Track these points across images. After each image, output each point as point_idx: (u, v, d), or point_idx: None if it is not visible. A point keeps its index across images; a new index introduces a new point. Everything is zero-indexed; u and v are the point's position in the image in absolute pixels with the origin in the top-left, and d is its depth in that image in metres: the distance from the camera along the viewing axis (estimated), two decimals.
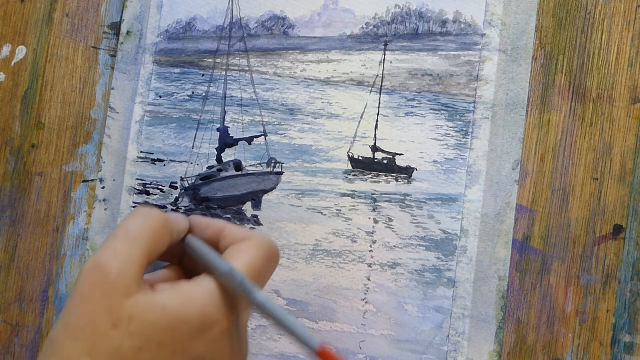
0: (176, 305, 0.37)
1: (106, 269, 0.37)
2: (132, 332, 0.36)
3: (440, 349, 0.49)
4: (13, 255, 0.58)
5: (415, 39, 0.52)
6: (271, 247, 0.41)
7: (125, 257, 0.37)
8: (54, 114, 0.59)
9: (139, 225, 0.39)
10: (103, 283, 0.37)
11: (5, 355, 0.57)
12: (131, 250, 0.38)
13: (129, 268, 0.37)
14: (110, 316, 0.36)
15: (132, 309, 0.36)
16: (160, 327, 0.36)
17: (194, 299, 0.38)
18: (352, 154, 0.52)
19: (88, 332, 0.36)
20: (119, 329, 0.36)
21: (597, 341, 0.47)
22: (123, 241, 0.38)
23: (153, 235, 0.39)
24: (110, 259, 0.37)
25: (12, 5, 0.61)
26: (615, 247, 0.47)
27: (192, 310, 0.37)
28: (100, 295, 0.36)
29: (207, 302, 0.38)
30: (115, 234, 0.39)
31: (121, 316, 0.36)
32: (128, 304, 0.36)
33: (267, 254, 0.41)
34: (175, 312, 0.37)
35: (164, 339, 0.36)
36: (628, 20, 0.48)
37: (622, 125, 0.48)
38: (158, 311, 0.36)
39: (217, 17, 0.56)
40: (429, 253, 0.50)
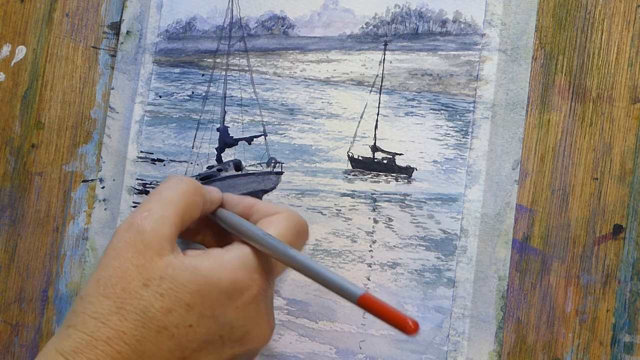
0: (207, 268, 0.37)
1: (140, 228, 0.37)
2: (162, 293, 0.36)
3: (440, 349, 0.49)
4: (13, 255, 0.58)
5: (415, 39, 0.52)
6: (301, 222, 0.42)
7: (159, 217, 0.38)
8: (54, 114, 0.59)
9: (173, 189, 0.40)
10: (137, 241, 0.37)
11: (5, 355, 0.57)
12: (165, 210, 0.38)
13: (163, 227, 0.38)
14: (141, 275, 0.36)
15: (164, 269, 0.36)
16: (190, 289, 0.36)
17: (225, 264, 0.38)
18: (352, 154, 0.52)
19: (119, 289, 0.36)
20: (149, 288, 0.36)
21: (597, 341, 0.47)
22: (157, 202, 0.39)
23: (186, 198, 0.40)
24: (144, 219, 0.38)
25: (12, 5, 0.61)
26: (615, 247, 0.47)
27: (222, 274, 0.37)
28: (133, 253, 0.37)
29: (238, 267, 0.38)
30: (148, 198, 0.40)
31: (152, 275, 0.36)
32: (160, 264, 0.37)
33: (297, 227, 0.42)
34: (206, 275, 0.37)
35: (194, 301, 0.36)
36: (628, 20, 0.48)
37: (622, 125, 0.48)
38: (189, 273, 0.37)
39: (217, 17, 0.56)
40: (429, 253, 0.50)
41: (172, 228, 0.38)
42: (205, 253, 0.39)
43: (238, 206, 0.44)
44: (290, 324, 0.52)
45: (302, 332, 0.51)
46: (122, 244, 0.37)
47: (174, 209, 0.39)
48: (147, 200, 0.39)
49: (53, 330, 0.57)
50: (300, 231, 0.42)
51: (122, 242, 0.37)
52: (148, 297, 0.36)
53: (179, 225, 0.39)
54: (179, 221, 0.39)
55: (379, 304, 0.36)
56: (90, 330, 0.35)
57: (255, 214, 0.43)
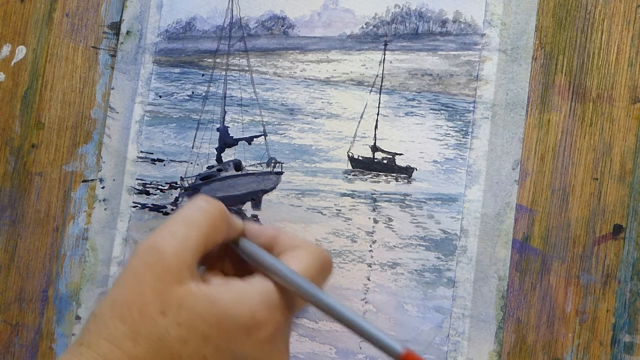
0: (227, 300, 0.36)
1: (161, 250, 0.36)
2: (180, 322, 0.35)
3: (440, 349, 0.49)
4: (13, 255, 0.58)
5: (415, 39, 0.52)
6: (325, 257, 0.40)
7: (182, 241, 0.36)
8: (54, 114, 0.59)
9: (198, 211, 0.38)
10: (157, 265, 0.36)
11: (5, 355, 0.57)
12: (188, 234, 0.37)
13: (185, 252, 0.36)
14: (159, 301, 0.35)
15: (183, 297, 0.35)
16: (209, 321, 0.36)
17: (245, 298, 0.37)
18: (352, 154, 0.52)
19: (135, 314, 0.35)
20: (167, 316, 0.35)
21: (597, 341, 0.47)
22: (181, 224, 0.37)
23: (212, 223, 0.38)
24: (166, 241, 0.36)
25: (12, 5, 0.61)
26: (615, 247, 0.47)
27: (242, 308, 0.36)
28: (152, 277, 0.36)
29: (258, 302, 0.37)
30: (173, 217, 0.38)
31: (171, 303, 0.35)
32: (179, 292, 0.35)
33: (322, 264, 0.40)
34: (225, 307, 0.36)
35: (211, 333, 0.36)
36: (628, 20, 0.48)
37: (622, 125, 0.48)
38: (208, 304, 0.36)
39: (217, 17, 0.56)
40: (429, 253, 0.50)
41: (194, 253, 0.37)
42: (226, 284, 0.37)
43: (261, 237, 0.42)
44: None
45: (302, 332, 0.51)
46: (141, 266, 0.36)
47: (198, 233, 0.37)
48: (171, 220, 0.38)
49: (53, 330, 0.57)
50: (324, 267, 0.40)
51: (141, 264, 0.36)
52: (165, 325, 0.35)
53: (202, 250, 0.37)
54: (202, 246, 0.37)
55: None
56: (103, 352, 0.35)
57: (278, 245, 0.41)
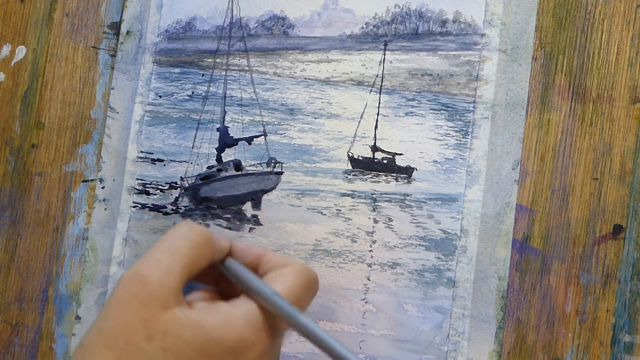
0: (213, 325, 0.36)
1: (146, 278, 0.36)
2: (166, 348, 0.35)
3: (440, 349, 0.49)
4: (13, 255, 0.58)
5: (415, 39, 0.52)
6: (311, 276, 0.41)
7: (166, 268, 0.37)
8: (54, 114, 0.59)
9: (182, 238, 0.39)
10: (141, 292, 0.36)
11: (5, 355, 0.57)
12: (172, 261, 0.37)
13: (169, 279, 0.37)
14: (145, 328, 0.36)
15: (168, 323, 0.36)
16: (194, 346, 0.36)
17: (231, 321, 0.37)
18: (352, 154, 0.52)
19: (121, 342, 0.35)
20: (152, 343, 0.35)
21: (597, 341, 0.47)
22: (165, 252, 0.38)
23: (195, 249, 0.39)
24: (150, 269, 0.37)
25: (12, 5, 0.61)
26: (615, 247, 0.47)
27: (228, 331, 0.37)
28: (137, 305, 0.36)
29: (244, 325, 0.37)
30: (157, 245, 0.39)
31: (156, 330, 0.36)
32: (164, 318, 0.36)
33: (307, 282, 0.40)
34: (211, 332, 0.36)
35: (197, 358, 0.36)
36: (628, 20, 0.48)
37: (622, 125, 0.48)
38: (194, 329, 0.36)
39: (217, 17, 0.56)
40: (429, 253, 0.50)
41: (178, 280, 0.37)
42: (212, 308, 0.38)
43: (247, 256, 0.42)
44: None
45: None
46: (127, 294, 0.36)
47: (182, 260, 0.38)
48: (155, 248, 0.38)
49: (53, 330, 0.57)
50: (310, 285, 0.40)
51: (127, 292, 0.36)
52: (151, 352, 0.35)
53: (186, 276, 0.38)
54: (186, 273, 0.38)
55: None
56: None
57: (264, 265, 0.41)
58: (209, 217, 0.55)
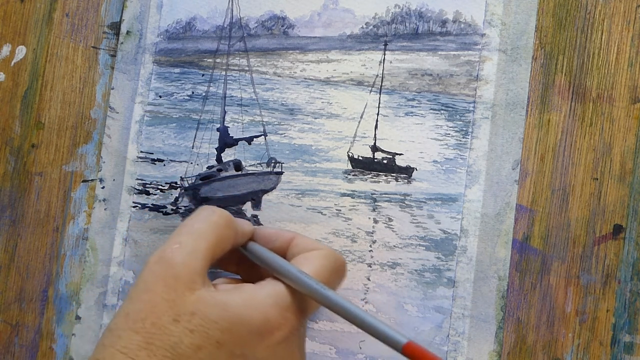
0: (239, 305, 0.36)
1: (171, 261, 0.37)
2: (193, 329, 0.35)
3: (440, 349, 0.49)
4: (13, 255, 0.58)
5: (415, 39, 0.52)
6: (339, 260, 0.41)
7: (190, 250, 0.37)
8: (54, 114, 0.59)
9: (204, 221, 0.39)
10: (167, 275, 0.36)
11: (5, 355, 0.57)
12: (196, 243, 0.38)
13: (194, 261, 0.37)
14: (172, 310, 0.36)
15: (195, 304, 0.36)
16: (221, 326, 0.36)
17: (257, 302, 0.37)
18: (352, 154, 0.52)
19: (149, 324, 0.35)
20: (179, 324, 0.35)
21: (597, 341, 0.47)
22: (188, 235, 0.38)
23: (218, 231, 0.39)
24: (175, 252, 0.37)
25: (12, 5, 0.61)
26: (615, 247, 0.47)
27: (254, 312, 0.37)
28: (163, 287, 0.36)
29: (270, 305, 0.37)
30: (179, 229, 0.39)
31: (183, 311, 0.36)
32: (191, 299, 0.36)
33: (335, 266, 0.40)
34: (237, 312, 0.36)
35: (224, 339, 0.36)
36: (628, 20, 0.48)
37: (622, 125, 0.48)
38: (220, 310, 0.36)
39: (217, 17, 0.56)
40: (429, 253, 0.50)
41: (203, 261, 0.37)
42: (237, 288, 0.38)
43: (277, 241, 0.42)
44: None
45: None
46: (152, 277, 0.36)
47: (206, 242, 0.38)
48: (178, 232, 0.39)
49: (53, 330, 0.57)
50: (337, 270, 0.41)
51: (152, 275, 0.36)
52: (178, 333, 0.35)
53: (210, 258, 0.38)
54: (210, 254, 0.38)
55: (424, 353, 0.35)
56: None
57: (293, 249, 0.42)
58: None
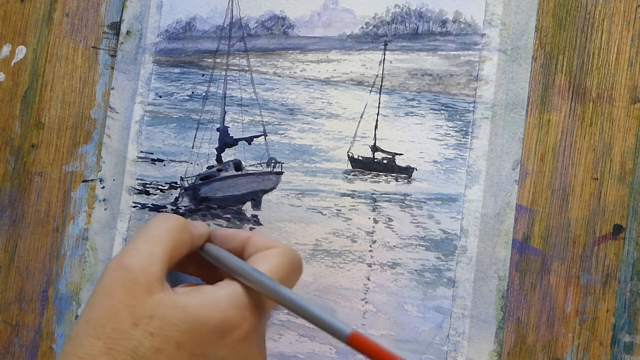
0: (197, 306, 0.37)
1: (129, 266, 0.37)
2: (152, 332, 0.36)
3: (440, 349, 0.49)
4: (13, 255, 0.58)
5: (415, 39, 0.52)
6: (295, 257, 0.42)
7: (148, 255, 0.38)
8: (54, 114, 0.59)
9: (160, 227, 0.40)
10: (126, 280, 0.37)
11: (5, 355, 0.57)
12: (153, 249, 0.39)
13: (152, 266, 0.38)
14: (131, 314, 0.36)
15: (154, 307, 0.36)
16: (180, 328, 0.36)
17: (215, 302, 0.38)
18: (352, 154, 0.52)
19: (109, 329, 0.36)
20: (139, 327, 0.36)
21: (597, 341, 0.47)
22: (145, 241, 0.39)
23: (174, 236, 0.40)
24: (132, 257, 0.38)
25: (12, 5, 0.61)
26: (615, 247, 0.47)
27: (213, 312, 0.37)
28: (122, 292, 0.37)
29: (228, 305, 0.38)
30: (136, 237, 0.40)
31: (142, 315, 0.36)
32: (150, 302, 0.37)
33: (291, 263, 0.41)
34: (196, 313, 0.37)
35: (183, 340, 0.36)
36: (628, 20, 0.48)
37: (622, 125, 0.48)
38: (179, 311, 0.37)
39: (217, 17, 0.56)
40: (429, 253, 0.50)
41: (161, 266, 0.38)
42: (195, 290, 0.38)
43: (233, 241, 0.43)
44: (290, 324, 0.52)
45: (302, 332, 0.51)
46: (112, 283, 0.37)
47: (162, 247, 0.39)
48: (135, 239, 0.39)
49: (53, 330, 0.57)
50: (294, 267, 0.41)
51: (112, 281, 0.37)
52: (138, 337, 0.36)
53: (168, 262, 0.39)
54: (168, 259, 0.39)
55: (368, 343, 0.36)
56: None
57: (249, 248, 0.42)
58: (209, 217, 0.55)
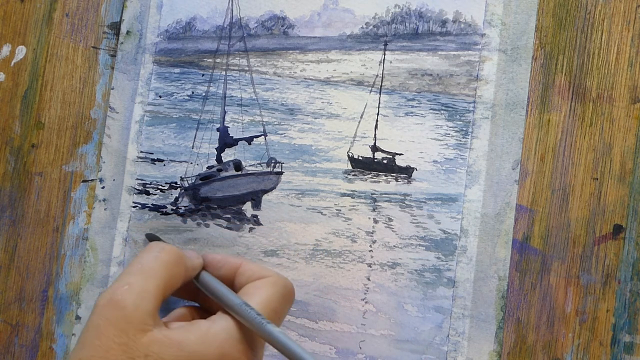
0: (193, 343, 0.36)
1: (121, 304, 0.36)
2: None
3: (440, 349, 0.49)
4: (13, 255, 0.58)
5: (415, 39, 0.52)
6: (287, 286, 0.41)
7: (140, 291, 0.37)
8: (54, 114, 0.59)
9: (153, 260, 0.39)
10: (118, 318, 0.36)
11: (5, 355, 0.57)
12: (146, 284, 0.37)
13: (145, 302, 0.37)
14: (125, 353, 0.35)
15: (148, 346, 0.36)
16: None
17: (211, 337, 0.37)
18: (352, 154, 0.52)
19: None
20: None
21: (597, 341, 0.47)
22: (137, 275, 0.38)
23: (168, 270, 0.39)
24: (125, 294, 0.37)
25: (12, 5, 0.61)
26: (615, 247, 0.47)
27: (210, 348, 0.37)
28: (115, 330, 0.36)
29: (225, 340, 0.37)
30: (129, 269, 0.39)
31: (137, 354, 0.35)
32: (144, 341, 0.36)
33: (283, 293, 0.41)
34: (192, 350, 0.36)
35: None
36: (628, 20, 0.48)
37: (622, 125, 0.48)
38: (175, 349, 0.36)
39: (217, 17, 0.56)
40: (429, 253, 0.50)
41: (154, 302, 0.37)
42: (190, 325, 0.38)
43: (223, 269, 0.43)
44: (290, 324, 0.52)
45: (302, 332, 0.51)
46: (103, 321, 0.36)
47: (156, 282, 0.38)
48: (127, 272, 0.38)
49: (53, 330, 0.57)
50: (286, 296, 0.41)
51: (103, 319, 0.36)
52: None
53: (161, 297, 0.38)
54: (161, 294, 0.38)
55: None
56: None
57: (240, 276, 0.42)
58: (209, 217, 0.55)
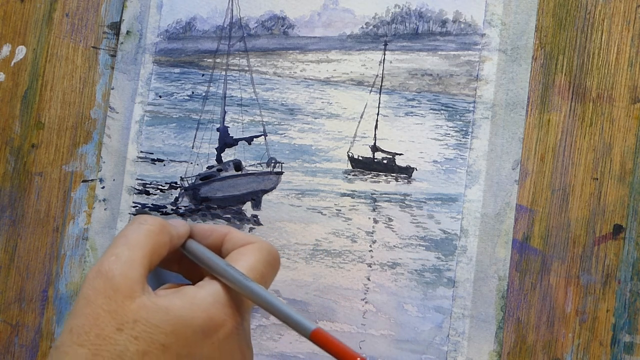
0: (180, 307, 0.37)
1: (109, 274, 0.37)
2: (137, 336, 0.36)
3: (440, 349, 0.49)
4: (13, 255, 0.58)
5: (415, 39, 0.52)
6: (272, 252, 0.42)
7: (127, 261, 0.38)
8: (54, 114, 0.59)
9: (137, 231, 0.40)
10: (106, 287, 0.37)
11: (5, 355, 0.57)
12: (132, 254, 0.38)
13: (132, 271, 0.38)
14: (114, 319, 0.36)
15: (136, 312, 0.36)
16: (165, 330, 0.36)
17: (198, 302, 0.38)
18: (352, 154, 0.52)
19: (93, 336, 0.36)
20: (123, 332, 0.36)
21: (597, 341, 0.47)
22: (123, 247, 0.39)
23: (152, 239, 0.40)
24: (112, 264, 0.38)
25: (12, 5, 0.61)
26: (615, 247, 0.47)
27: (196, 312, 0.37)
28: (104, 298, 0.37)
29: (211, 304, 0.38)
30: (114, 242, 0.40)
31: (125, 319, 0.36)
32: (132, 307, 0.36)
33: (269, 258, 0.41)
34: (179, 314, 0.37)
35: (169, 342, 0.36)
36: (628, 20, 0.48)
37: (622, 125, 0.48)
38: (162, 314, 0.37)
39: (217, 17, 0.56)
40: (429, 253, 0.50)
41: (141, 270, 0.38)
42: (177, 291, 0.39)
43: (210, 237, 0.43)
44: None
45: None
46: (92, 291, 0.37)
47: (141, 251, 0.39)
48: (113, 245, 0.39)
49: (53, 330, 0.57)
50: (271, 262, 0.42)
51: (92, 290, 0.37)
52: (123, 342, 0.36)
53: (148, 266, 0.39)
54: (147, 262, 0.39)
55: (330, 340, 0.37)
56: None
57: (227, 243, 0.43)
58: (209, 217, 0.55)
